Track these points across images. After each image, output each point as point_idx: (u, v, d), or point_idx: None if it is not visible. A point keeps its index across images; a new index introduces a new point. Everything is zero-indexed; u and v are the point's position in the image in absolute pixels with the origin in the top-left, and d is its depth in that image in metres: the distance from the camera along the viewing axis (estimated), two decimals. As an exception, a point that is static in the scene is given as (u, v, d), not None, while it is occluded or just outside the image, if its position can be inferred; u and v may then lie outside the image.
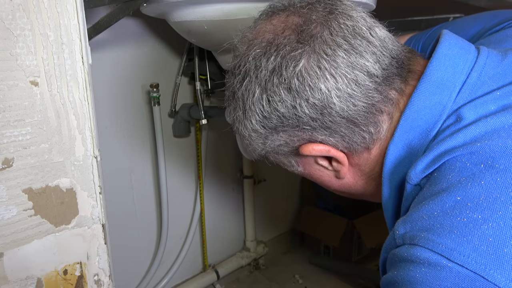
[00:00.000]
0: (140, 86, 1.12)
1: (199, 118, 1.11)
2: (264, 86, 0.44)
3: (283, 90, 0.43)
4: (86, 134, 0.50)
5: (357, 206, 1.61)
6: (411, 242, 0.37)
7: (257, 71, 0.44)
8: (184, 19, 0.79)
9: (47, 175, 0.48)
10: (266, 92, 0.44)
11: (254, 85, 0.44)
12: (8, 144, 0.45)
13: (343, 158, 0.47)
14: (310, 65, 0.42)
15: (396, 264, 0.38)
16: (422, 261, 0.35)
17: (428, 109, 0.43)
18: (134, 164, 1.16)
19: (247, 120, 0.47)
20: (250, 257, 1.51)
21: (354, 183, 0.51)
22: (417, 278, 0.35)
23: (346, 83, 0.42)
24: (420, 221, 0.37)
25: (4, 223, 0.46)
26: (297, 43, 0.42)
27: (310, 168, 0.51)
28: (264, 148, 0.49)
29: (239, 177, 1.46)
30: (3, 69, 0.43)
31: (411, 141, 0.44)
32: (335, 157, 0.47)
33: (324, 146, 0.46)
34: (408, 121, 0.43)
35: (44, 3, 0.45)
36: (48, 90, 0.47)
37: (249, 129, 0.47)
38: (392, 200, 0.46)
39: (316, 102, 0.42)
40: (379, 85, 0.43)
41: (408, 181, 0.42)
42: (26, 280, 0.49)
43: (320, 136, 0.45)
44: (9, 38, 0.43)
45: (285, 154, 0.50)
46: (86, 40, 0.49)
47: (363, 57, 0.42)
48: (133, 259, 1.24)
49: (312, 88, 0.42)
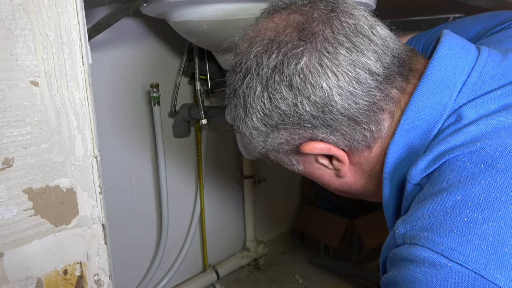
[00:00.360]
0: (140, 86, 1.12)
1: (199, 118, 1.11)
2: (266, 84, 0.44)
3: (284, 88, 0.43)
4: (86, 134, 0.50)
5: (357, 206, 1.61)
6: (411, 241, 0.37)
7: (259, 68, 0.44)
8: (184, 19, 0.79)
9: (47, 175, 0.48)
10: (267, 89, 0.44)
11: (255, 83, 0.44)
12: (8, 144, 0.45)
13: (344, 157, 0.47)
14: (312, 63, 0.42)
15: (396, 263, 0.38)
16: (422, 261, 0.35)
17: (428, 108, 0.43)
18: (134, 164, 1.16)
19: (248, 118, 0.47)
20: (250, 257, 1.51)
21: (354, 182, 0.51)
22: (417, 277, 0.35)
23: (347, 81, 0.42)
24: (420, 220, 0.37)
25: (4, 223, 0.46)
26: (299, 41, 0.42)
27: (311, 167, 0.51)
28: (265, 146, 0.49)
29: (239, 177, 1.46)
30: (3, 69, 0.43)
31: (412, 141, 0.44)
32: (335, 155, 0.47)
33: (325, 144, 0.46)
34: (409, 121, 0.43)
35: (44, 3, 0.45)
36: (48, 90, 0.47)
37: (249, 127, 0.47)
38: (393, 200, 0.46)
39: (317, 100, 0.42)
40: (381, 83, 0.43)
41: (409, 181, 0.42)
42: (26, 280, 0.49)
43: (321, 134, 0.45)
44: (9, 38, 0.43)
45: (285, 152, 0.50)
46: (86, 40, 0.49)
47: (364, 55, 0.42)
48: (133, 259, 1.24)
49: (314, 85, 0.42)
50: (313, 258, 1.58)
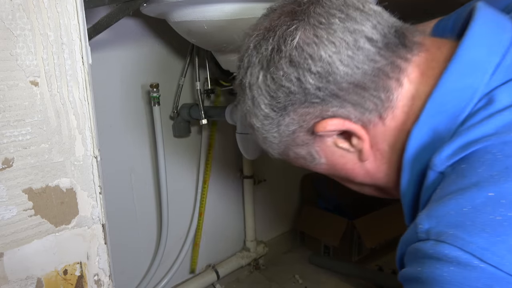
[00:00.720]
0: (140, 86, 1.12)
1: (199, 118, 1.11)
2: (267, 66, 0.44)
3: (284, 64, 0.43)
4: (86, 134, 0.50)
5: (357, 206, 1.61)
6: (437, 238, 0.35)
7: (258, 55, 0.45)
8: (184, 19, 0.79)
9: (47, 175, 0.48)
10: (269, 70, 0.44)
11: (257, 68, 0.45)
12: (8, 144, 0.45)
13: (361, 131, 0.45)
14: (307, 35, 0.42)
15: (419, 260, 0.36)
16: (450, 260, 0.33)
17: (458, 92, 0.40)
18: (134, 164, 1.16)
19: (257, 108, 0.47)
20: (250, 257, 1.51)
21: (376, 169, 0.49)
22: (444, 277, 0.33)
23: (345, 46, 0.41)
24: (446, 216, 0.35)
25: (4, 223, 0.46)
26: (292, 21, 0.43)
27: (332, 155, 0.49)
28: (281, 140, 0.48)
29: (239, 177, 1.46)
30: (3, 69, 0.43)
31: (437, 126, 0.41)
32: (352, 130, 0.45)
33: (338, 119, 0.44)
34: (435, 105, 0.41)
35: (44, 3, 0.45)
36: (48, 90, 0.47)
37: (260, 117, 0.47)
38: (411, 189, 0.44)
39: (319, 70, 0.42)
40: (381, 50, 0.42)
41: (432, 168, 0.39)
42: (26, 280, 0.49)
43: (331, 108, 0.44)
44: (9, 38, 0.43)
45: (303, 143, 0.48)
46: (86, 40, 0.49)
47: (358, 23, 0.42)
48: (133, 259, 1.24)
49: (313, 56, 0.42)
50: (313, 258, 1.58)
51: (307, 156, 0.50)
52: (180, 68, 1.18)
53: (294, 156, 0.51)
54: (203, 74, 1.14)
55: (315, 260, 1.57)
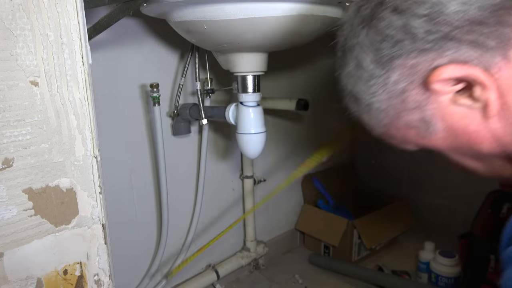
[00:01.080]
0: (140, 86, 1.12)
1: (199, 118, 1.11)
2: (369, 20, 0.42)
3: (388, 14, 0.41)
4: (86, 134, 0.50)
5: (357, 206, 1.61)
6: None
7: (360, 15, 0.43)
8: (184, 19, 0.79)
9: (47, 175, 0.48)
10: (371, 22, 0.42)
11: (359, 27, 0.43)
12: (8, 144, 0.45)
13: (484, 75, 0.39)
14: None
15: None
16: None
17: None
18: (134, 164, 1.16)
19: (361, 69, 0.44)
20: (250, 257, 1.51)
21: (505, 130, 0.42)
22: None
23: None
24: None
25: (4, 223, 0.46)
26: None
27: (451, 117, 0.43)
28: (388, 103, 0.44)
29: (239, 177, 1.46)
30: (3, 69, 0.43)
31: None
32: (472, 76, 0.39)
33: (455, 65, 0.39)
34: None
35: (44, 3, 0.45)
36: (48, 90, 0.47)
37: (364, 78, 0.44)
38: None
39: (427, 13, 0.39)
40: None
41: None
42: (26, 280, 0.49)
43: (445, 53, 0.39)
44: (9, 38, 0.43)
45: (414, 106, 0.43)
46: (86, 40, 0.49)
47: None
48: (133, 259, 1.23)
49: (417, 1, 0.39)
50: (313, 258, 1.58)
51: (420, 123, 0.44)
52: (180, 68, 1.18)
53: (404, 127, 0.46)
54: (203, 74, 1.14)
55: (315, 260, 1.57)
